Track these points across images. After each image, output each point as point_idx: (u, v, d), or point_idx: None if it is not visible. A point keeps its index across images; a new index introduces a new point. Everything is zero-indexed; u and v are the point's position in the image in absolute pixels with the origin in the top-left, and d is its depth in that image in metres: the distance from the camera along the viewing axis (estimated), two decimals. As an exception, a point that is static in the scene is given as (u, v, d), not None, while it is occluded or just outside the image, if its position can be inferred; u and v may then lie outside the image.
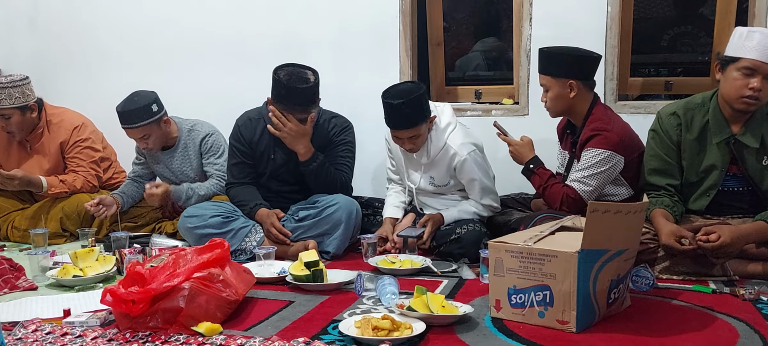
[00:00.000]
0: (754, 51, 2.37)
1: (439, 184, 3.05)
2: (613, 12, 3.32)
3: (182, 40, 4.07)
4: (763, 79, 2.39)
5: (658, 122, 2.67)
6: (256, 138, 3.12)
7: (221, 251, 2.17)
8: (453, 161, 2.96)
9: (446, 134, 2.98)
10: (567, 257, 1.89)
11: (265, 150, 3.12)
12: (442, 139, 2.97)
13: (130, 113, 3.26)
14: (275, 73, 2.92)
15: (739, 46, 2.41)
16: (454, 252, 2.84)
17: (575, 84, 2.75)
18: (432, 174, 3.04)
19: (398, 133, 2.90)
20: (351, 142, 3.15)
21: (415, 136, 2.89)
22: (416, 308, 1.99)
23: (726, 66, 2.47)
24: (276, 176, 3.14)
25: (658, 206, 2.56)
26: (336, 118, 3.15)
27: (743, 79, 2.41)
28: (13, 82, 3.42)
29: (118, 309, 1.99)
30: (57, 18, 4.34)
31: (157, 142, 3.39)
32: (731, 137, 2.52)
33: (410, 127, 2.86)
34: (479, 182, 2.96)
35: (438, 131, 2.98)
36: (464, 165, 2.94)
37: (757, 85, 2.38)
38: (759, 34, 2.39)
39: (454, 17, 4.31)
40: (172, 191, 3.30)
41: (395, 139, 2.97)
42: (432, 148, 2.98)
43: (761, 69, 2.38)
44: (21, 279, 2.65)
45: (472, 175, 2.95)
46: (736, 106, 2.46)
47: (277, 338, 1.91)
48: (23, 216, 3.52)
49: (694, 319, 2.06)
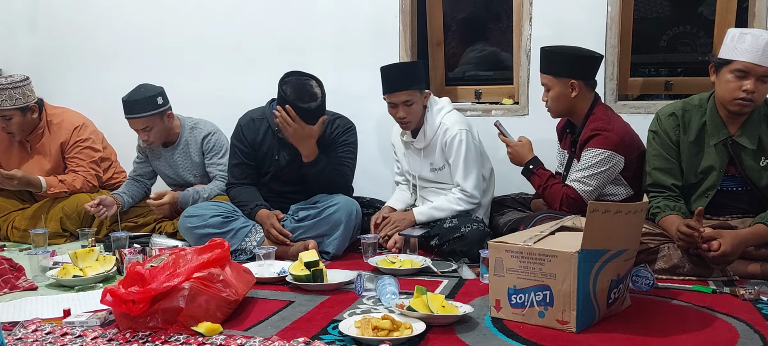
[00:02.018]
0: (747, 53, 2.37)
1: (435, 168, 3.09)
2: (613, 12, 3.32)
3: (182, 39, 4.07)
4: (756, 80, 2.38)
5: (658, 123, 2.67)
6: (259, 139, 3.12)
7: (221, 251, 2.17)
8: (445, 137, 3.01)
9: (441, 115, 3.07)
10: (567, 257, 1.89)
11: (268, 151, 3.12)
12: (437, 120, 3.05)
13: (135, 103, 3.27)
14: (281, 87, 2.92)
15: (732, 49, 2.41)
16: (456, 250, 2.84)
17: (576, 84, 2.75)
18: (430, 160, 3.10)
19: (393, 96, 2.99)
20: (353, 143, 3.16)
21: (409, 101, 2.97)
22: (416, 308, 1.99)
23: (719, 68, 2.47)
24: (279, 176, 3.14)
25: (671, 211, 2.52)
26: (340, 119, 3.16)
27: (736, 82, 2.40)
28: (14, 83, 3.42)
29: (118, 309, 1.99)
30: (57, 18, 4.34)
31: (158, 135, 3.39)
32: (728, 139, 2.52)
33: (404, 90, 2.95)
34: (463, 162, 2.98)
35: (433, 112, 3.07)
36: (453, 141, 2.99)
37: (751, 87, 2.38)
38: (751, 36, 2.38)
39: (454, 17, 4.30)
40: (179, 198, 3.30)
41: (391, 111, 3.04)
42: (428, 129, 3.06)
43: (754, 71, 2.37)
44: (21, 279, 2.65)
45: (459, 152, 2.99)
46: (730, 108, 2.46)
47: (277, 338, 1.91)
48: (23, 216, 3.52)
49: (694, 319, 2.06)
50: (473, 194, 3.00)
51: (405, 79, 2.99)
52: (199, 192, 3.34)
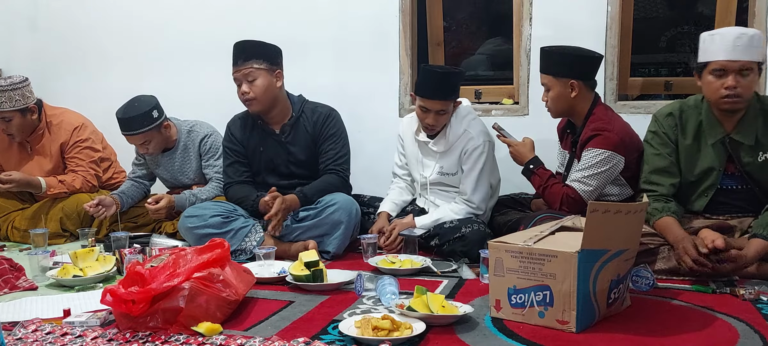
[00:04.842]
0: (719, 52, 2.43)
1: (447, 172, 3.06)
2: (613, 12, 3.33)
3: (182, 40, 4.07)
4: (736, 75, 2.42)
5: (657, 123, 2.67)
6: (247, 133, 3.18)
7: (221, 251, 2.17)
8: (467, 145, 2.98)
9: (467, 121, 3.03)
10: (567, 257, 1.89)
11: (256, 145, 3.17)
12: (462, 126, 3.01)
13: (131, 120, 3.25)
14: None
15: (705, 51, 2.48)
16: (456, 250, 2.84)
17: (576, 84, 2.75)
18: (443, 163, 3.06)
19: (430, 103, 2.92)
20: (338, 133, 3.15)
21: (442, 110, 2.93)
22: (416, 308, 1.99)
23: (701, 73, 2.52)
24: (270, 168, 3.16)
25: (667, 212, 2.52)
26: (319, 107, 3.18)
27: (717, 81, 2.45)
28: (13, 84, 3.41)
29: (118, 309, 1.99)
30: (57, 18, 4.34)
31: (157, 146, 3.40)
32: (726, 137, 2.53)
33: (443, 99, 2.91)
34: (478, 173, 2.97)
35: (458, 118, 3.02)
36: (475, 151, 2.97)
37: (732, 82, 2.42)
38: (719, 36, 2.45)
39: (454, 17, 4.31)
40: (176, 201, 3.30)
41: (421, 113, 2.97)
42: (451, 134, 3.01)
43: (730, 67, 2.42)
44: (21, 279, 2.65)
45: (476, 164, 2.97)
46: (720, 107, 2.49)
47: (277, 338, 1.91)
48: (23, 216, 3.52)
49: (694, 319, 2.06)
50: (479, 206, 2.99)
51: (447, 89, 2.91)
52: (196, 195, 3.34)
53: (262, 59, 3.01)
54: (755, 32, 2.46)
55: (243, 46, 3.05)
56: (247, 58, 3.00)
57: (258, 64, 3.00)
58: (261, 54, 3.02)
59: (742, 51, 2.40)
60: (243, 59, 3.01)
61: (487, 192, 3.01)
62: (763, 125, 2.51)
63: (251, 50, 3.02)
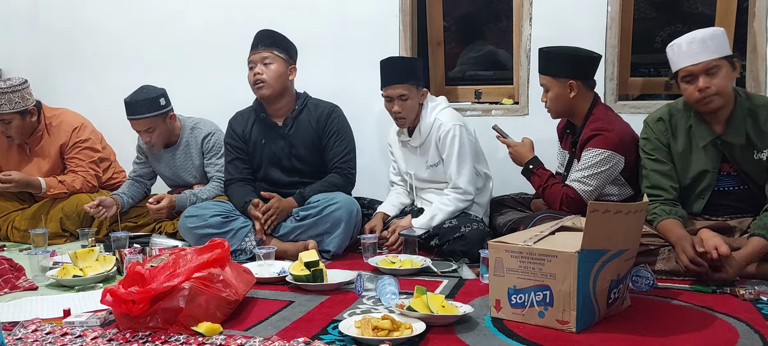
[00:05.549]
0: (682, 59, 2.46)
1: (431, 164, 3.09)
2: (613, 12, 3.33)
3: (182, 39, 4.07)
4: (704, 76, 2.43)
5: (649, 129, 2.66)
6: (248, 128, 3.19)
7: (221, 251, 2.17)
8: (439, 132, 3.02)
9: (437, 110, 3.08)
10: (567, 257, 1.90)
11: (257, 138, 3.17)
12: (432, 116, 3.06)
13: (138, 104, 3.27)
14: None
15: (672, 61, 2.52)
16: (456, 250, 2.84)
17: (575, 84, 2.75)
18: (426, 157, 3.10)
19: (389, 89, 3.01)
20: (342, 130, 3.18)
21: (404, 95, 2.99)
22: (416, 308, 1.99)
23: (676, 81, 2.54)
24: (273, 162, 3.17)
25: (673, 216, 2.51)
26: (322, 104, 3.21)
27: (690, 86, 2.47)
28: (13, 86, 3.41)
29: (118, 309, 1.99)
30: (57, 18, 4.34)
31: (160, 137, 3.40)
32: (717, 138, 2.53)
33: (400, 83, 2.98)
34: (457, 156, 2.98)
35: (428, 109, 3.07)
36: (447, 136, 3.00)
37: (702, 84, 2.43)
38: (677, 46, 2.48)
39: (454, 17, 4.31)
40: (176, 201, 3.31)
41: (387, 105, 3.06)
42: (423, 126, 3.07)
43: (695, 70, 2.44)
44: (21, 279, 2.65)
45: (452, 147, 2.99)
46: (701, 109, 2.51)
47: (277, 338, 1.91)
48: (23, 216, 3.52)
49: (694, 319, 2.06)
50: (467, 189, 2.99)
51: (401, 73, 3.02)
52: (197, 194, 3.34)
53: (282, 50, 3.10)
54: (712, 31, 2.46)
55: (268, 33, 3.13)
56: (270, 44, 3.08)
57: (278, 52, 3.08)
58: (282, 45, 3.11)
59: (699, 53, 2.42)
60: (265, 45, 3.08)
61: (471, 174, 3.01)
62: (753, 124, 2.50)
63: (275, 38, 3.11)
